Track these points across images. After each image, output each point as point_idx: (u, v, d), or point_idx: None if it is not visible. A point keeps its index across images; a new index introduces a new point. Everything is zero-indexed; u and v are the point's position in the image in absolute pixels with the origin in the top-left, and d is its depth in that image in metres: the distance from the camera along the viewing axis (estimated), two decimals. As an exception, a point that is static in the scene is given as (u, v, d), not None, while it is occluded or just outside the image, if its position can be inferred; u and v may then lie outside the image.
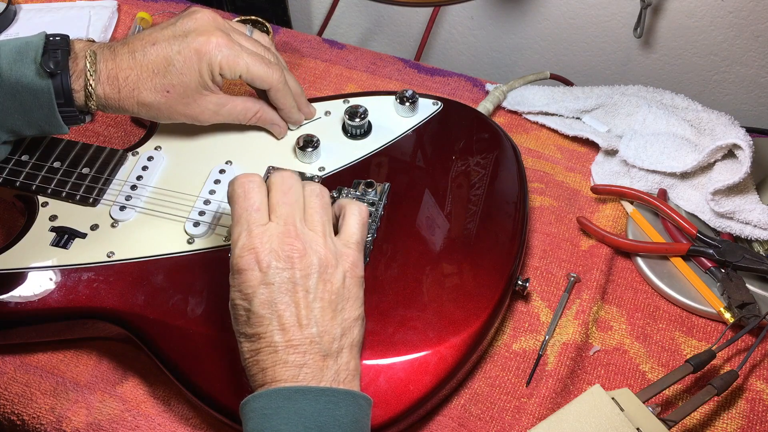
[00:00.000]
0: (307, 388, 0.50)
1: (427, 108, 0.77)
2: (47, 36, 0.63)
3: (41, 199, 0.69)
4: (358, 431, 0.50)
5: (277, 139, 0.74)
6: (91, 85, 0.63)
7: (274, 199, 0.57)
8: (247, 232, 0.54)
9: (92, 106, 0.65)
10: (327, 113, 0.77)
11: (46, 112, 0.63)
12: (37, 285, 0.63)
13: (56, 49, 0.62)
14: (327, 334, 0.53)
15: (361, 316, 0.57)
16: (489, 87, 0.88)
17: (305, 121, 0.76)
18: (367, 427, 0.52)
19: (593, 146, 0.82)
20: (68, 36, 0.64)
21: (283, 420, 0.48)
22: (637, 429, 0.56)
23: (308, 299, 0.53)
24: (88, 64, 0.63)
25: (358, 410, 0.51)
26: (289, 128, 0.75)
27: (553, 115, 0.85)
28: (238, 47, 0.66)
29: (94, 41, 0.67)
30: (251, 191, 0.57)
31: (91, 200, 0.68)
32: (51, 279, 0.63)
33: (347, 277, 0.56)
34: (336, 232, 0.59)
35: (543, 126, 0.85)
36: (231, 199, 0.57)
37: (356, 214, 0.59)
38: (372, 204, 0.68)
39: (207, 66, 0.65)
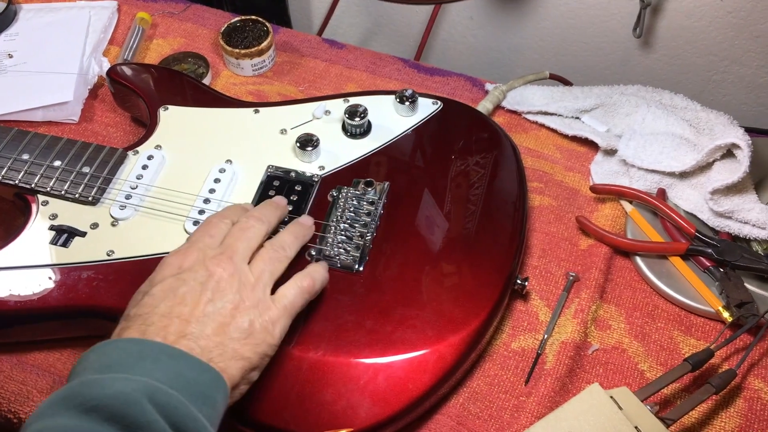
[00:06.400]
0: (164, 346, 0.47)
1: (426, 107, 0.77)
2: None
3: (41, 197, 0.69)
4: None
5: None
6: None
7: (231, 231, 0.57)
8: (188, 244, 0.56)
9: None
10: (327, 112, 0.77)
11: None
12: (37, 283, 0.63)
13: None
14: (203, 340, 0.49)
15: (255, 365, 0.52)
16: (488, 87, 0.88)
17: (304, 121, 0.76)
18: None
19: (592, 146, 0.82)
20: None
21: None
22: (636, 427, 0.56)
23: (207, 310, 0.51)
24: None
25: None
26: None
27: (552, 114, 0.85)
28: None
29: None
30: (215, 226, 0.58)
31: (90, 199, 0.68)
32: (50, 277, 0.63)
33: (256, 323, 0.52)
34: None
35: (542, 126, 0.85)
36: (195, 230, 0.59)
37: (299, 282, 0.57)
38: (372, 203, 0.68)
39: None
